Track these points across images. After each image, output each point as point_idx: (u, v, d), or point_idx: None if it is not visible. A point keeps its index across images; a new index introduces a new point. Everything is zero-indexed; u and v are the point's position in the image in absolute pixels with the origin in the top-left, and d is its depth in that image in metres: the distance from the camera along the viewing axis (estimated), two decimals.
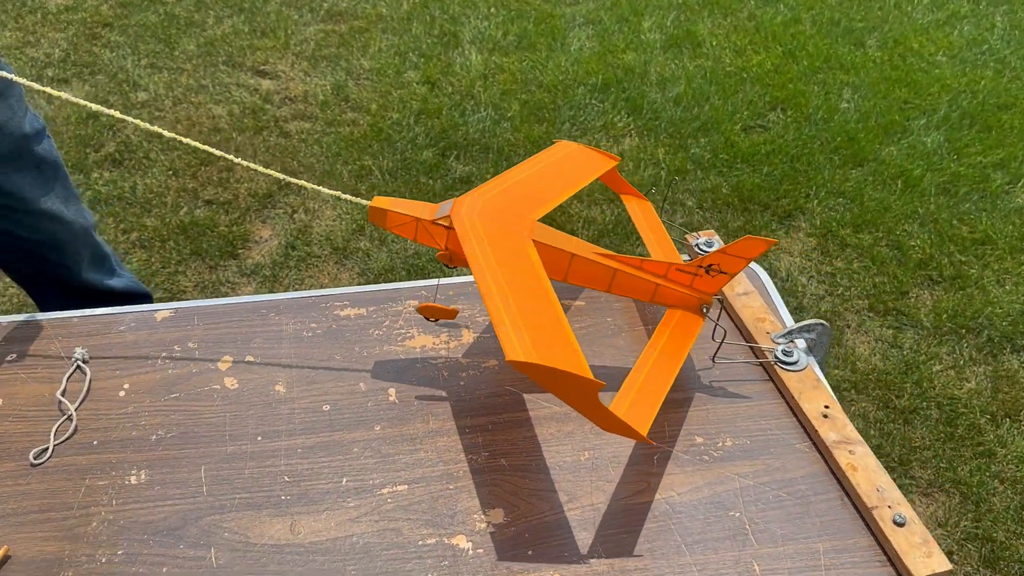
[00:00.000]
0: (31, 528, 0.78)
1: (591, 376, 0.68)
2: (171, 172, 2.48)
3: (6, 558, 0.76)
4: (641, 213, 1.02)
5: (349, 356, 0.95)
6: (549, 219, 2.37)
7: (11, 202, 1.25)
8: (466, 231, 0.81)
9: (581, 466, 0.84)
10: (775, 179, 2.52)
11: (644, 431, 0.72)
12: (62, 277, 1.40)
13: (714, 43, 3.17)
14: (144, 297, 1.58)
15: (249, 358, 0.95)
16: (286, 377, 0.93)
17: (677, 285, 0.87)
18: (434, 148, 2.59)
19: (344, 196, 0.89)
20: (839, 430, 0.83)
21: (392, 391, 0.91)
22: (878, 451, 1.75)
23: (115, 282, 1.49)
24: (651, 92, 2.89)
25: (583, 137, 2.70)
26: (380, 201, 0.87)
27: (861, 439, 0.82)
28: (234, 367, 0.94)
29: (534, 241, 0.84)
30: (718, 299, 0.90)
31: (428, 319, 0.94)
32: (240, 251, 2.25)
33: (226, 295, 2.12)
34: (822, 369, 0.93)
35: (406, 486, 0.82)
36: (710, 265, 0.85)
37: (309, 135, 2.65)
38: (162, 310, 1.01)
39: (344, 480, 0.83)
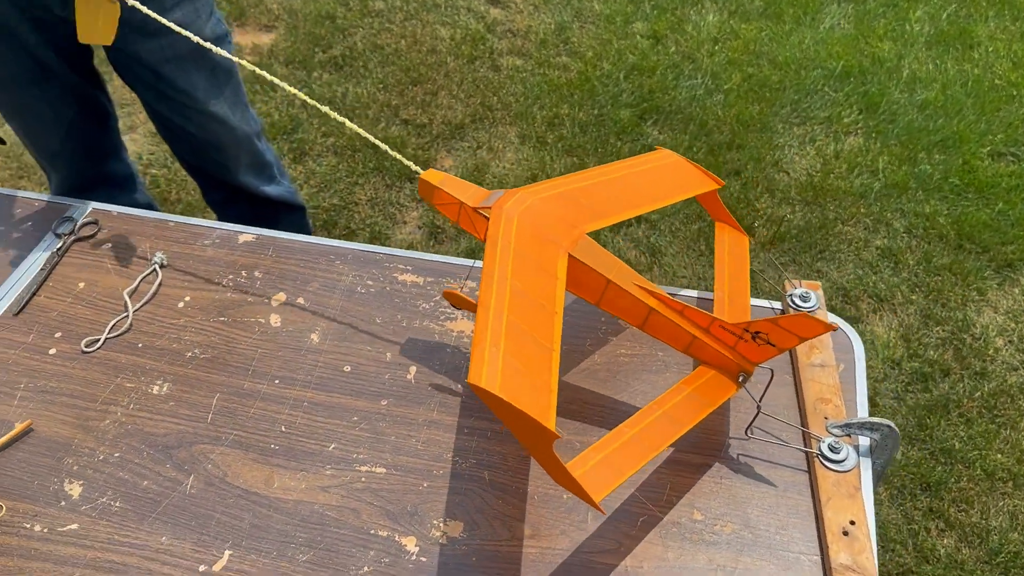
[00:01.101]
0: (58, 409, 0.86)
1: (551, 425, 0.63)
2: (382, 86, 2.58)
3: (29, 430, 0.84)
4: (729, 248, 0.91)
5: (389, 323, 0.95)
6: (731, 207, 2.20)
7: (184, 99, 1.36)
8: (497, 230, 0.76)
9: (560, 503, 0.79)
10: (1007, 220, 2.18)
11: (598, 498, 0.66)
12: (221, 175, 1.51)
13: (991, 48, 2.75)
14: (297, 209, 1.67)
15: (300, 300, 0.97)
16: (324, 328, 0.94)
17: (717, 343, 0.77)
18: (635, 109, 2.48)
19: (402, 158, 0.87)
20: (854, 554, 0.71)
21: (413, 369, 0.90)
22: (1015, 558, 1.51)
23: (271, 189, 1.58)
24: (895, 91, 2.58)
25: (801, 127, 2.48)
26: (432, 175, 0.84)
27: (875, 572, 0.70)
28: (284, 305, 0.97)
29: (571, 256, 0.77)
30: (769, 369, 0.79)
31: (455, 307, 0.91)
32: (418, 176, 2.31)
33: (393, 216, 2.20)
34: (879, 477, 0.80)
35: (384, 470, 0.82)
36: (758, 332, 0.75)
37: (517, 73, 2.64)
38: (245, 233, 1.05)
39: (331, 446, 0.83)
